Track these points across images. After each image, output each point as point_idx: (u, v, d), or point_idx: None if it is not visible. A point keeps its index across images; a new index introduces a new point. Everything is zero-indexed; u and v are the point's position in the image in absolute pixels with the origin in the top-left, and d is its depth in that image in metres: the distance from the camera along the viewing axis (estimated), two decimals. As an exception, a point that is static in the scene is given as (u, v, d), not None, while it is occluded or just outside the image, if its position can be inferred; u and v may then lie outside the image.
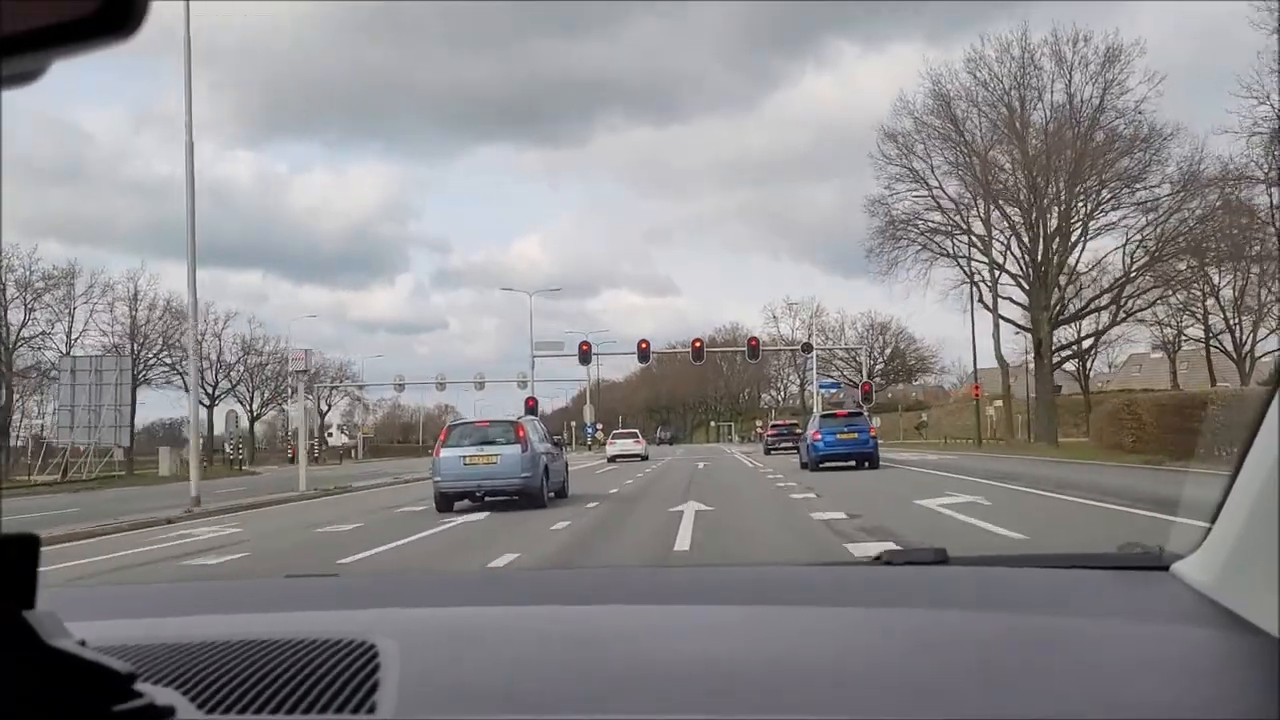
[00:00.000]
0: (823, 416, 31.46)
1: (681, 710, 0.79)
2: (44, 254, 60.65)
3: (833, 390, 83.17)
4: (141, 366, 60.19)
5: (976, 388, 46.16)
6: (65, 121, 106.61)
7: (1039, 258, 50.34)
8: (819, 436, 29.04)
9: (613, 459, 46.26)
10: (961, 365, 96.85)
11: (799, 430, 44.93)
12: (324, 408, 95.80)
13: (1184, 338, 62.71)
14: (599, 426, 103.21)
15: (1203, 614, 1.04)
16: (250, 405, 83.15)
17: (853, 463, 28.16)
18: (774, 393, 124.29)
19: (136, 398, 57.87)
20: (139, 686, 0.62)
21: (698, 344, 57.81)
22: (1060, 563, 1.49)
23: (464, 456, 17.57)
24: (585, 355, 57.16)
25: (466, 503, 18.00)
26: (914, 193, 52.95)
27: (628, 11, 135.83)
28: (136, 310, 60.03)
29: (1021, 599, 1.22)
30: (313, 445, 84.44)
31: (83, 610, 1.23)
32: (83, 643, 0.60)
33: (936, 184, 52.25)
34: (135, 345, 60.05)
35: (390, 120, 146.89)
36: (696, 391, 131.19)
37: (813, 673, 0.89)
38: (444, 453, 17.96)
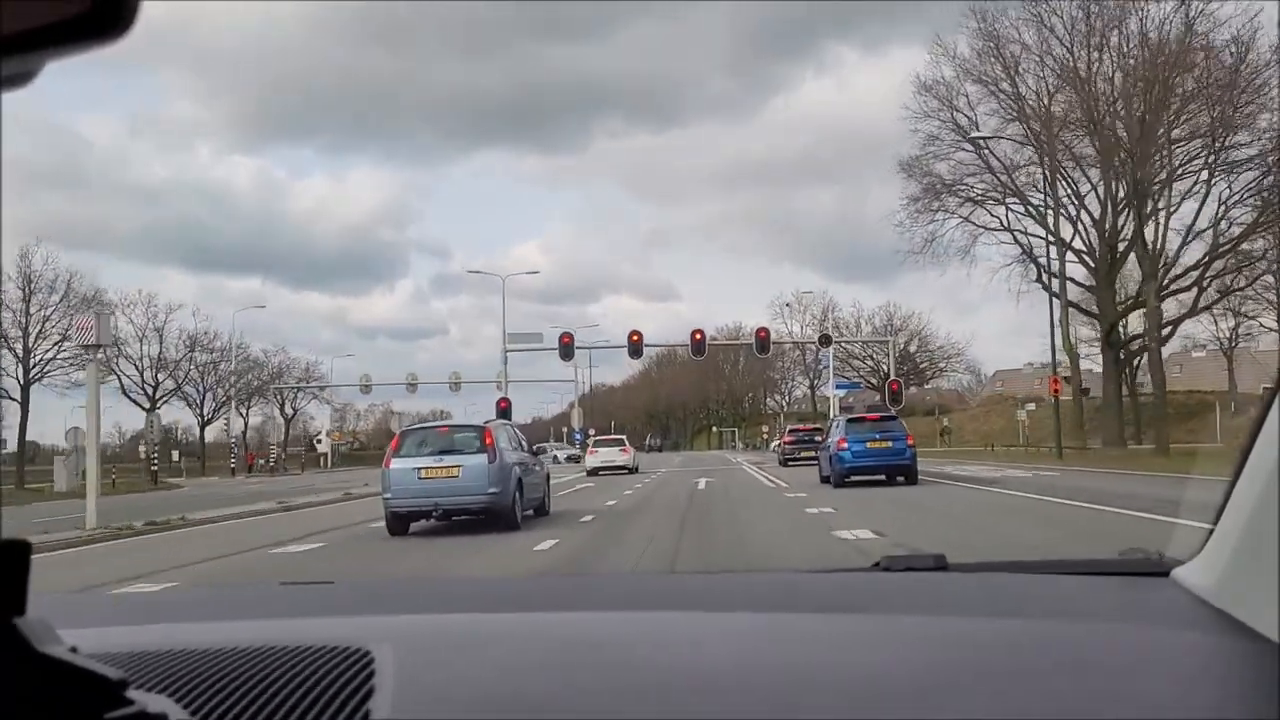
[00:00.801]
0: (849, 421, 25.21)
1: (680, 715, 0.79)
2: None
3: (853, 391, 74.42)
4: (38, 361, 50.87)
5: (1055, 382, 36.74)
6: (52, 125, 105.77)
7: (1109, 229, 41.44)
8: (845, 445, 23.51)
9: (593, 472, 37.82)
10: (977, 366, 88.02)
11: (819, 438, 36.44)
12: (289, 411, 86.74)
13: (1258, 329, 53.53)
14: (591, 432, 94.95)
15: (1203, 620, 1.03)
16: (200, 409, 74.14)
17: (882, 477, 23.44)
18: (778, 397, 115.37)
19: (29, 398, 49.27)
20: (131, 694, 0.61)
21: (698, 335, 49.32)
22: (1061, 569, 1.48)
23: (419, 469, 14.73)
24: (567, 349, 49.05)
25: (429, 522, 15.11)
26: (956, 153, 44.00)
27: (626, 16, 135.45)
28: (31, 294, 50.51)
29: (1022, 605, 1.21)
30: (270, 454, 75.89)
31: (74, 617, 1.23)
32: (74, 649, 0.59)
33: (984, 143, 43.34)
34: (25, 337, 50.54)
35: (389, 125, 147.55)
36: (697, 395, 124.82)
37: (813, 679, 0.89)
38: (395, 464, 15.04)
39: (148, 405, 64.96)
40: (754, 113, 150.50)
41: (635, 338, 50.04)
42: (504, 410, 50.05)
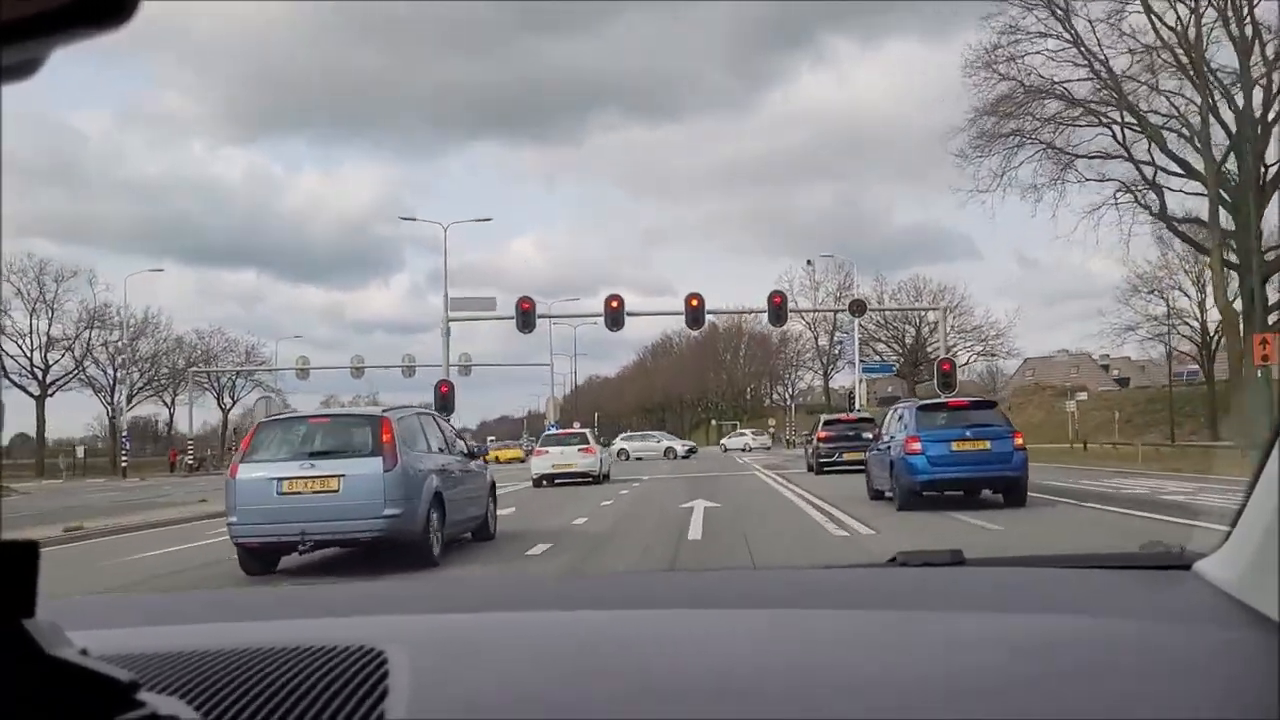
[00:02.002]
0: (921, 410, 16.60)
1: (695, 714, 0.78)
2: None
3: (879, 376, 62.71)
4: None
5: (1266, 344, 23.98)
6: (46, 118, 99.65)
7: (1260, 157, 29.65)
8: (918, 447, 15.27)
9: (541, 482, 26.31)
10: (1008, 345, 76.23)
11: (868, 434, 24.88)
12: (227, 401, 74.76)
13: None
14: (577, 426, 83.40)
15: (1225, 613, 1.02)
16: (112, 395, 62.27)
17: (961, 492, 15.54)
18: (781, 389, 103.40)
19: None
20: (142, 696, 0.60)
21: (694, 302, 37.82)
22: (1080, 563, 1.47)
23: (279, 480, 9.88)
24: (526, 317, 37.65)
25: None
26: (1039, 49, 32.15)
27: (620, 7, 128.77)
28: None
29: (1040, 600, 1.20)
30: (190, 450, 64.26)
31: (85, 619, 1.19)
32: (84, 651, 0.59)
33: (1085, 42, 31.52)
34: None
35: (383, 118, 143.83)
36: (695, 386, 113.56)
37: (829, 676, 0.88)
38: (244, 472, 10.12)
39: (36, 391, 53.24)
40: (751, 107, 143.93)
41: (614, 304, 38.61)
42: (444, 396, 38.55)
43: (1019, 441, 15.49)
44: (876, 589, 1.30)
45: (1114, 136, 33.10)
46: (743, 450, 67.62)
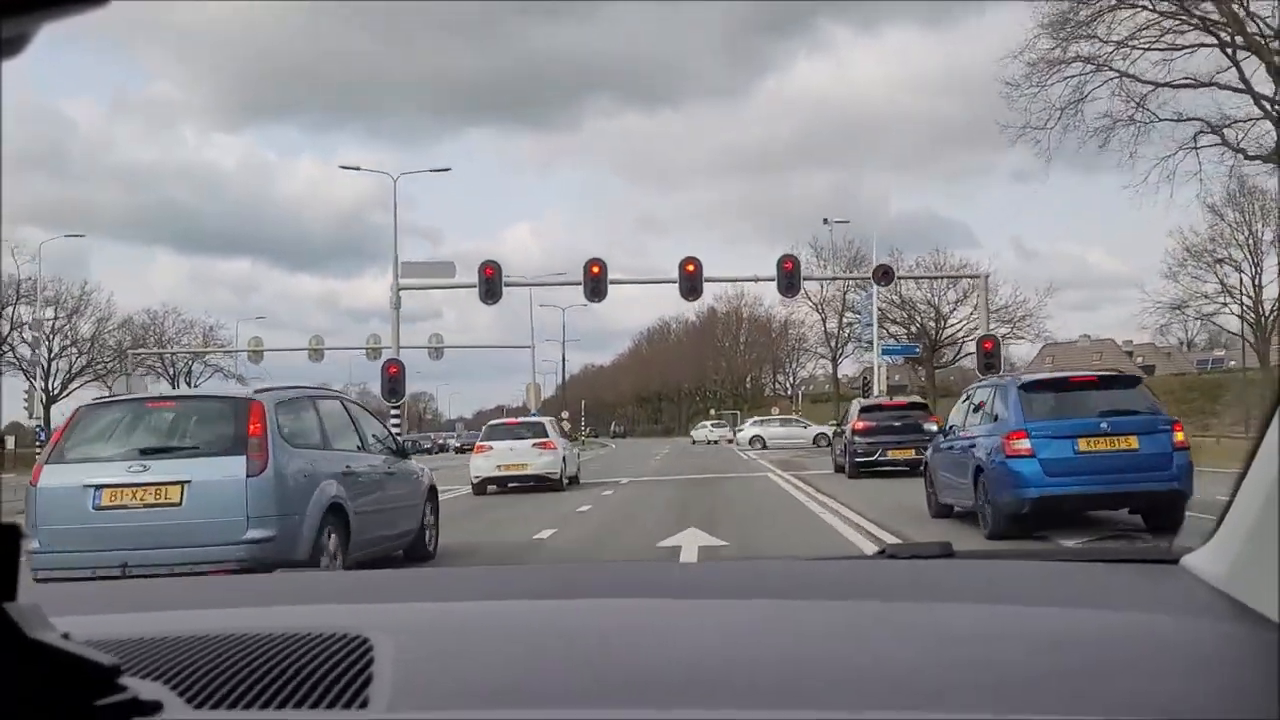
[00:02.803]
0: (1023, 390, 10.40)
1: (683, 705, 0.78)
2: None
3: (907, 357, 56.28)
4: None
5: None
6: (36, 104, 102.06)
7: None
8: (1026, 445, 9.64)
9: (484, 486, 19.66)
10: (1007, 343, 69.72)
11: (926, 424, 18.35)
12: (183, 387, 68.05)
13: None
14: (564, 416, 76.88)
15: (1213, 607, 1.02)
16: (46, 379, 55.68)
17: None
18: (783, 377, 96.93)
19: None
20: (124, 680, 0.59)
21: (690, 268, 31.58)
22: (1070, 556, 1.47)
23: (96, 488, 7.13)
24: (491, 284, 31.46)
25: None
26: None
27: None
28: None
29: (1029, 592, 1.20)
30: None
31: (66, 604, 1.19)
32: (66, 636, 0.58)
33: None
34: None
35: (377, 105, 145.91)
36: (693, 374, 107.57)
37: (818, 666, 0.88)
38: (49, 477, 7.33)
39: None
40: (747, 94, 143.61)
41: (595, 270, 32.21)
42: (393, 378, 32.12)
43: (1179, 438, 9.88)
44: (867, 581, 1.29)
45: (1225, 52, 26.41)
46: (709, 443, 61.44)
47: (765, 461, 29.05)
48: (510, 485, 19.55)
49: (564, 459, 19.69)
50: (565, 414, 77.24)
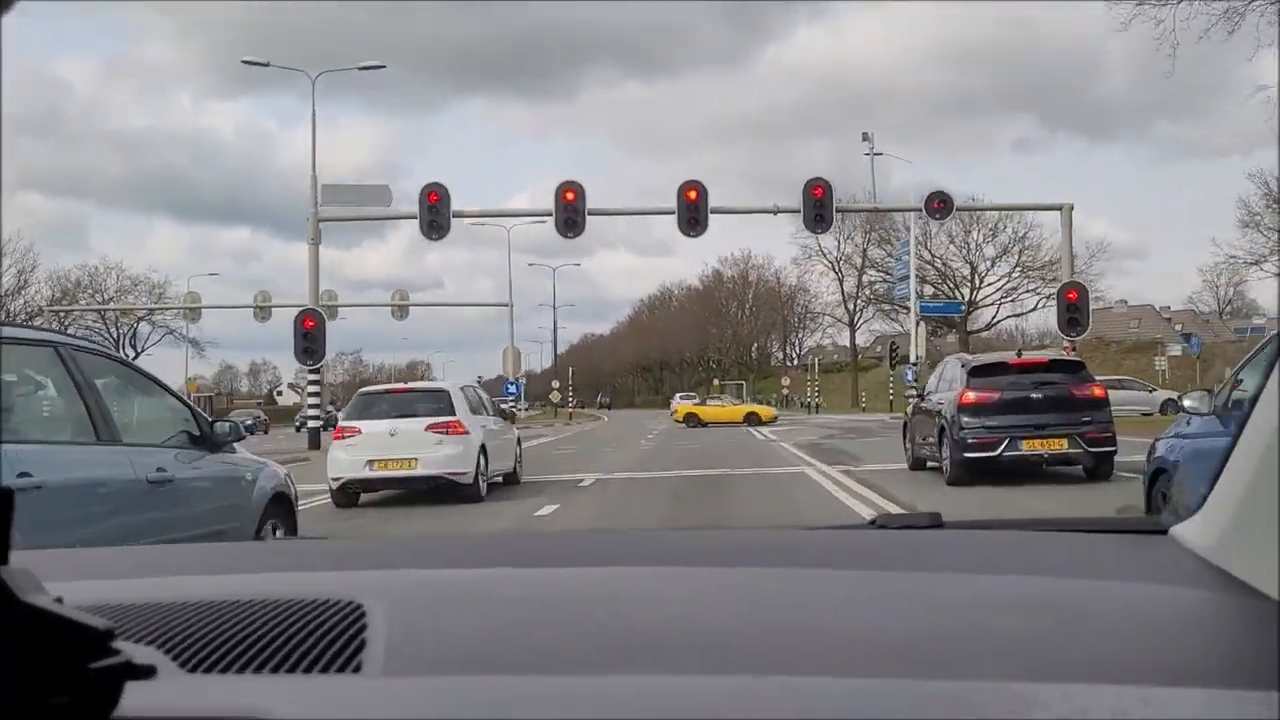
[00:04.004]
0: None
1: (673, 671, 0.78)
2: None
3: (949, 315, 48.61)
4: None
5: None
6: (29, 67, 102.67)
7: None
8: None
9: (352, 493, 12.03)
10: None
11: (1087, 393, 10.44)
12: (127, 351, 60.20)
13: None
14: (555, 386, 69.13)
15: (1201, 577, 1.01)
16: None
17: None
18: (789, 347, 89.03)
19: None
20: (118, 644, 0.59)
21: (692, 194, 24.31)
22: (1057, 527, 1.46)
23: None
24: (435, 214, 24.77)
25: None
26: None
27: None
28: None
29: (1018, 562, 1.19)
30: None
31: (60, 570, 1.16)
32: (59, 600, 0.57)
33: None
34: None
35: (373, 73, 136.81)
36: (696, 342, 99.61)
37: (807, 634, 0.87)
38: None
39: None
40: (747, 62, 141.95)
41: (570, 196, 24.88)
42: (308, 332, 24.79)
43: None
44: (856, 550, 1.27)
45: None
46: None
47: (793, 449, 21.24)
48: (390, 489, 12.01)
49: (483, 450, 11.96)
50: (556, 383, 69.62)
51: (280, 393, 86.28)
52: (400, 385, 14.28)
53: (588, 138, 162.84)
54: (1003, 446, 11.30)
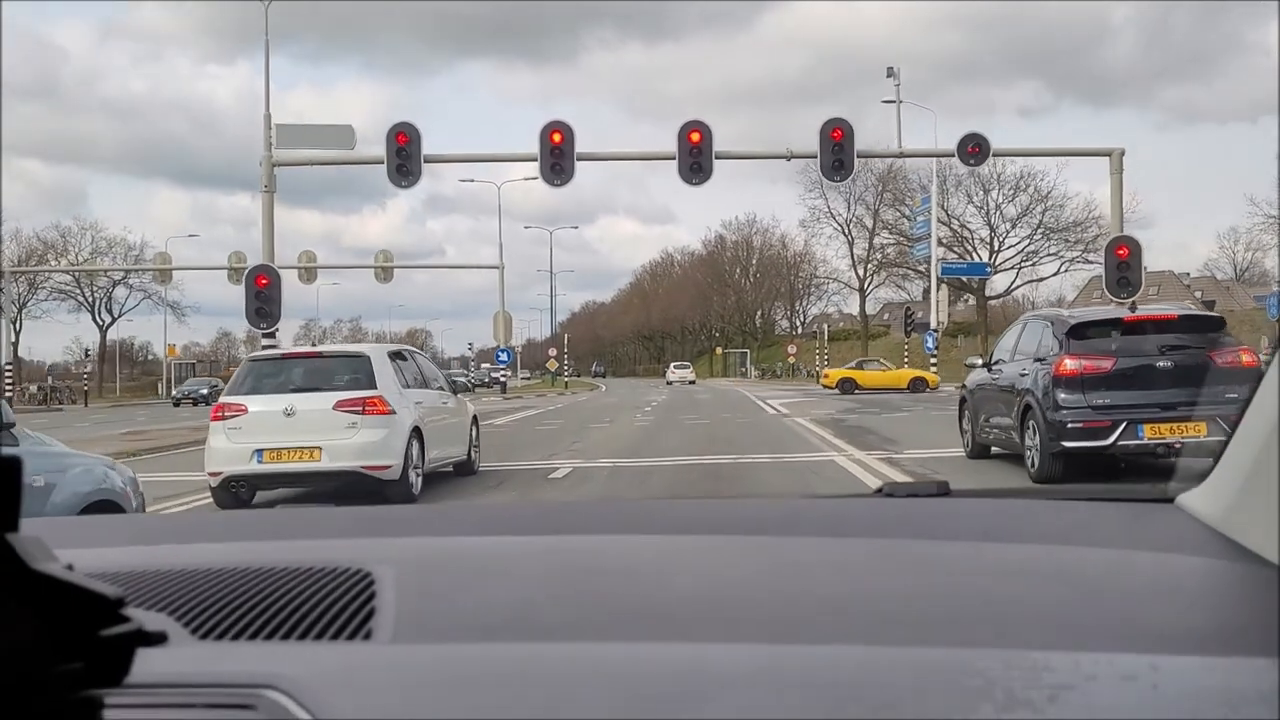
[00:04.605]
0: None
1: (682, 638, 0.78)
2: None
3: (973, 277, 45.72)
4: None
5: None
6: (25, 30, 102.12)
7: None
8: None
9: (235, 491, 8.95)
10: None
11: (1228, 361, 7.33)
12: (103, 317, 57.49)
13: None
14: (552, 354, 66.04)
15: (1206, 545, 1.01)
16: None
17: None
18: (792, 315, 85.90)
19: None
20: (129, 612, 0.58)
21: (695, 137, 21.23)
22: (1064, 495, 1.46)
23: None
24: (404, 157, 22.01)
25: None
26: None
27: None
28: None
29: (1025, 530, 1.19)
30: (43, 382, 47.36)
31: (70, 537, 1.20)
32: (70, 567, 0.57)
33: None
34: None
35: (372, 37, 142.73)
36: (698, 310, 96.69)
37: (815, 601, 0.87)
38: None
39: None
40: (750, 26, 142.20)
41: (557, 137, 22.00)
42: (262, 291, 22.07)
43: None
44: (863, 518, 1.27)
45: None
46: (689, 383, 55.14)
47: (812, 426, 18.03)
48: (289, 487, 9.19)
49: (416, 434, 8.94)
50: (553, 351, 66.55)
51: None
52: (304, 349, 11.22)
53: (589, 102, 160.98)
54: (1117, 433, 8.30)
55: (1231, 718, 0.62)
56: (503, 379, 43.10)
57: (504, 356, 42.82)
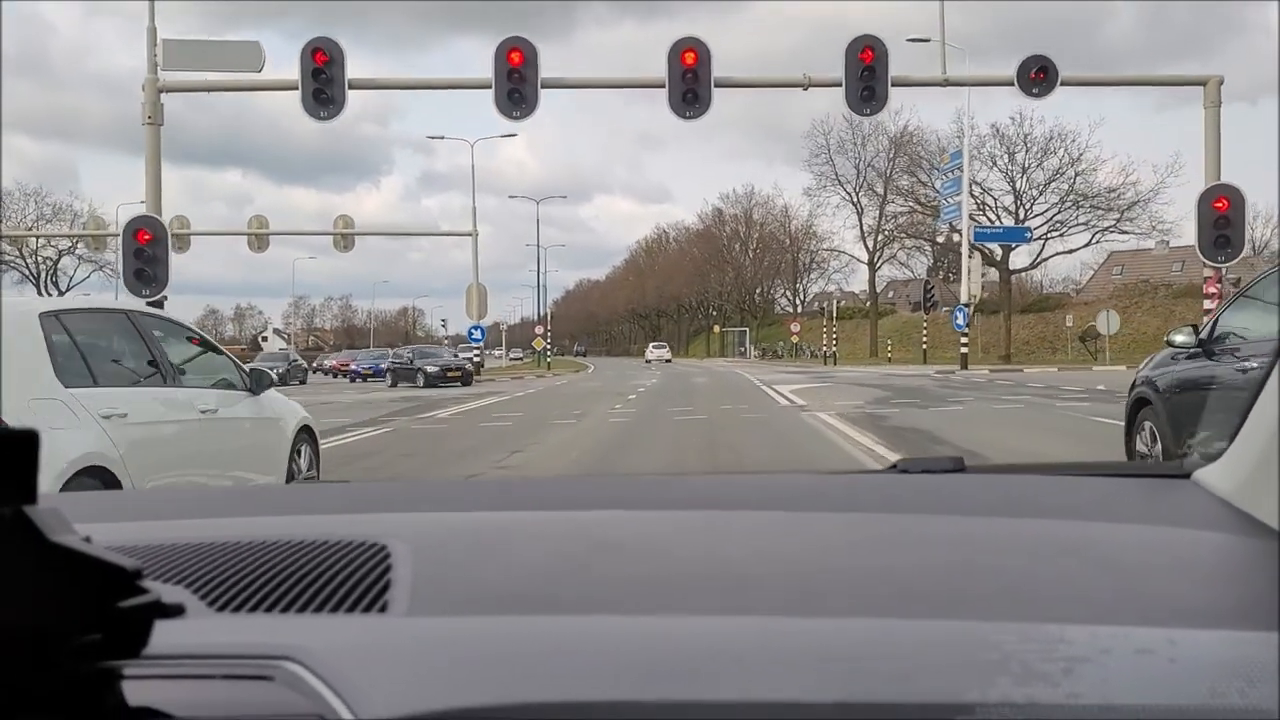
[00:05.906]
0: None
1: (696, 611, 0.78)
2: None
3: (1009, 243, 41.28)
4: None
5: None
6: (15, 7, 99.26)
7: None
8: None
9: None
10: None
11: None
12: (47, 292, 52.71)
13: None
14: (539, 333, 61.35)
15: (1223, 520, 1.01)
16: None
17: None
18: (794, 293, 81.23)
19: None
20: (146, 584, 0.59)
21: (690, 56, 16.46)
22: (1080, 471, 1.42)
23: None
24: (323, 79, 17.59)
25: None
26: None
27: None
28: None
29: (1040, 505, 1.17)
30: None
31: (88, 511, 1.19)
32: (87, 539, 0.58)
33: None
34: None
35: (362, 12, 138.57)
36: (695, 288, 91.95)
37: (828, 576, 0.87)
38: None
39: None
40: (746, 3, 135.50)
41: (515, 57, 17.61)
42: (141, 249, 17.04)
43: None
44: (877, 494, 1.27)
45: None
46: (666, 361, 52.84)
47: (840, 425, 13.06)
48: None
49: (93, 472, 4.45)
50: (540, 330, 61.91)
51: (265, 339, 79.59)
52: None
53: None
54: None
55: (1248, 691, 0.62)
56: (476, 360, 38.20)
57: (477, 335, 38.13)
